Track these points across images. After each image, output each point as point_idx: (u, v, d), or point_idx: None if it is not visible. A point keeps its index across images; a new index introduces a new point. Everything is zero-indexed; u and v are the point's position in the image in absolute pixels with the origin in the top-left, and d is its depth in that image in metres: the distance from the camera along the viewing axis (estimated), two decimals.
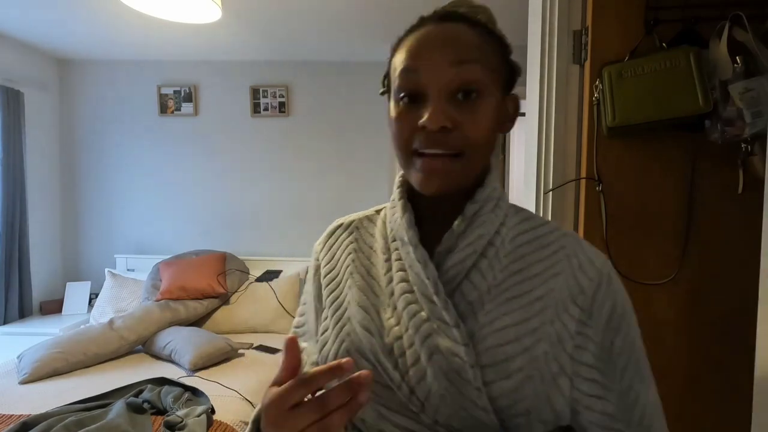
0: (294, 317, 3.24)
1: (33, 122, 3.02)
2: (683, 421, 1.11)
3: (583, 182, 1.16)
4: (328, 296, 0.62)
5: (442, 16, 0.54)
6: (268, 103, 3.19)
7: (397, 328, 0.54)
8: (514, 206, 0.61)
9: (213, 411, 1.69)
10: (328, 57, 3.07)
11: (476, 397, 0.49)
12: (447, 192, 0.53)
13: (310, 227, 3.24)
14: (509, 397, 0.49)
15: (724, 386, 1.09)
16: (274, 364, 2.29)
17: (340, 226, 0.68)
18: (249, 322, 2.74)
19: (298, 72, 3.16)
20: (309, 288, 0.67)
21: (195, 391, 1.82)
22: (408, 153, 0.53)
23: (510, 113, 0.58)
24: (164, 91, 3.21)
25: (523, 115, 1.02)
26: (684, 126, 1.05)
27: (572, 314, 0.52)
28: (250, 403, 1.86)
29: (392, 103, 0.55)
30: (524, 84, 1.19)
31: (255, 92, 3.18)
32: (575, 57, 1.18)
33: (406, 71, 0.52)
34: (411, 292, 0.55)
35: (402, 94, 0.53)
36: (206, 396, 1.78)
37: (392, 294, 0.56)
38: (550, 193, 1.20)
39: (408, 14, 2.32)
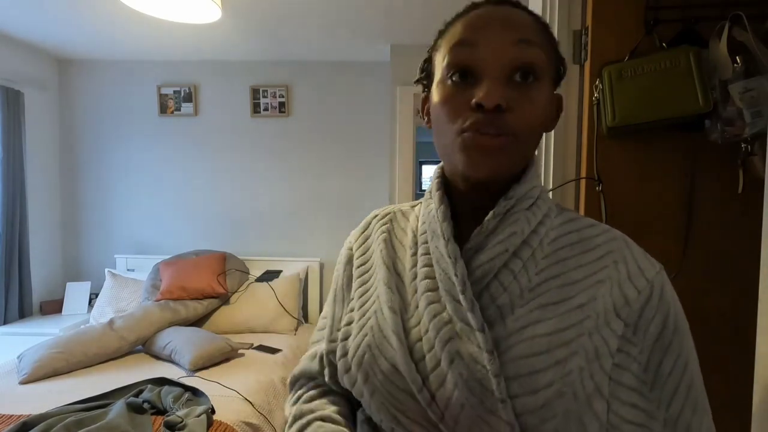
0: (293, 317, 3.21)
1: (33, 122, 3.02)
2: None
3: (583, 182, 1.15)
4: (358, 288, 0.60)
5: (497, 1, 0.51)
6: (268, 103, 3.19)
7: (417, 328, 0.51)
8: (559, 206, 0.57)
9: (213, 411, 1.69)
10: (328, 57, 3.07)
11: (500, 410, 0.44)
12: (495, 177, 0.49)
13: (310, 227, 3.24)
14: (536, 416, 0.44)
15: (724, 386, 1.09)
16: (274, 363, 2.29)
17: (375, 216, 0.66)
18: (249, 322, 2.74)
19: (298, 72, 3.16)
20: (338, 280, 0.64)
21: (195, 391, 1.82)
22: (454, 133, 0.49)
23: (554, 112, 0.55)
24: (164, 91, 3.21)
25: None
26: (684, 126, 1.05)
27: (614, 329, 0.47)
28: (251, 403, 1.86)
29: (436, 87, 0.52)
30: None
31: (255, 92, 3.18)
32: (575, 57, 1.18)
33: (461, 44, 0.49)
34: (434, 290, 0.52)
35: (452, 72, 0.49)
36: (206, 396, 1.78)
37: (415, 291, 0.53)
38: (550, 193, 1.20)
39: (408, 14, 2.33)
